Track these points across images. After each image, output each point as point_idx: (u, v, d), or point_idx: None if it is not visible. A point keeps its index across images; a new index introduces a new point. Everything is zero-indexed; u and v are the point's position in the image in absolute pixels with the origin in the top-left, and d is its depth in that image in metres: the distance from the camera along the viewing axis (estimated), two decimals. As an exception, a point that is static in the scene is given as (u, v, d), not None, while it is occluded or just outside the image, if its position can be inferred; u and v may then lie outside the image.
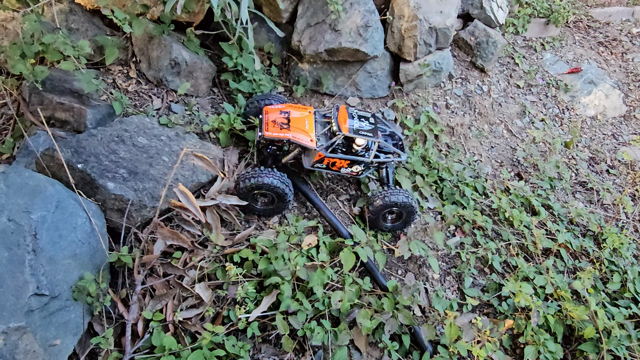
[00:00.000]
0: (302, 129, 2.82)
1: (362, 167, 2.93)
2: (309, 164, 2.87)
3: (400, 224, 3.01)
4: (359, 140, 2.84)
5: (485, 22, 4.36)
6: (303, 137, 2.78)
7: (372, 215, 2.92)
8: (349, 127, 2.79)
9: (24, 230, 1.98)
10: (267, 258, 2.52)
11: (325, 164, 2.87)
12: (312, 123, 2.88)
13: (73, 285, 2.12)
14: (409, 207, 2.85)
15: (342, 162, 2.86)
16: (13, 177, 2.09)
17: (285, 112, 2.89)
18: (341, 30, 3.35)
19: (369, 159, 2.84)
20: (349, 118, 2.84)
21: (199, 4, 3.40)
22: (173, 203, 2.26)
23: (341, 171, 2.94)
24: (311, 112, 2.95)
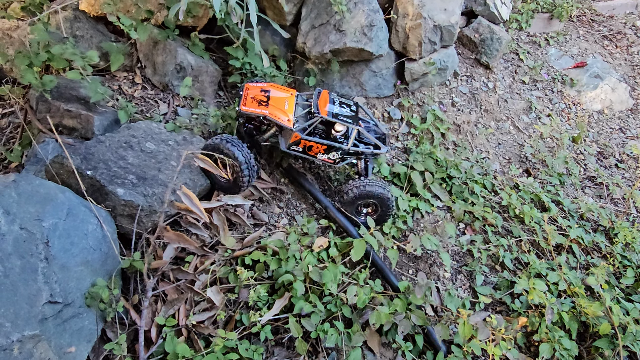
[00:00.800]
0: (281, 108, 2.76)
1: (340, 155, 2.84)
2: (285, 145, 2.80)
3: (375, 220, 2.91)
4: (338, 126, 2.78)
5: (489, 18, 4.34)
6: (280, 116, 2.72)
7: (345, 207, 2.84)
8: (328, 110, 2.74)
9: (36, 238, 1.98)
10: (278, 259, 2.51)
11: (302, 147, 2.81)
12: (293, 104, 2.81)
13: (86, 292, 2.12)
14: (385, 200, 2.77)
15: (318, 147, 2.79)
16: (24, 185, 2.09)
17: (266, 91, 2.84)
18: (346, 30, 3.35)
19: (347, 147, 2.77)
20: (329, 102, 2.79)
21: (203, 8, 3.40)
22: (177, 205, 2.26)
23: (317, 157, 2.86)
24: (293, 94, 2.90)
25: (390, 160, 3.50)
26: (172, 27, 3.34)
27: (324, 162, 2.91)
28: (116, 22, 3.02)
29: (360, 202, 2.84)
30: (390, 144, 3.62)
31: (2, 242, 1.88)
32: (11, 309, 1.83)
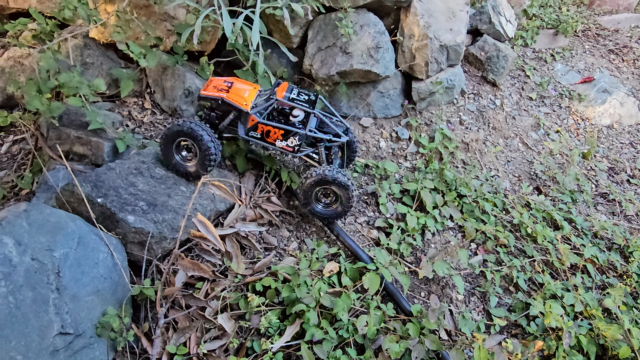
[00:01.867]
0: (241, 95, 2.78)
1: (298, 141, 2.80)
2: (244, 131, 2.82)
3: (333, 211, 2.85)
4: (296, 111, 2.80)
5: (495, 36, 4.36)
6: (238, 100, 2.75)
7: (304, 193, 2.78)
8: (285, 95, 2.77)
9: (47, 268, 1.98)
10: (289, 286, 2.48)
11: (260, 133, 2.80)
12: (254, 95, 2.82)
13: (96, 321, 2.11)
14: (345, 188, 2.70)
15: (276, 132, 2.78)
16: (35, 215, 2.10)
17: (230, 83, 2.88)
18: (352, 52, 3.37)
19: (304, 131, 2.74)
20: (286, 90, 2.82)
21: (210, 33, 3.44)
22: (192, 233, 2.25)
23: (276, 144, 2.84)
24: (256, 88, 2.91)
25: (399, 179, 3.49)
26: (181, 53, 3.38)
27: (283, 151, 2.86)
28: (125, 50, 3.06)
29: (319, 190, 2.79)
30: (399, 163, 3.61)
31: (13, 273, 1.87)
32: (22, 341, 1.82)
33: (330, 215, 2.87)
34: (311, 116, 2.79)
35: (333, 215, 2.87)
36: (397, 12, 3.67)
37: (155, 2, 3.26)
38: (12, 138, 3.43)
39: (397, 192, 3.37)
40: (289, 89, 2.84)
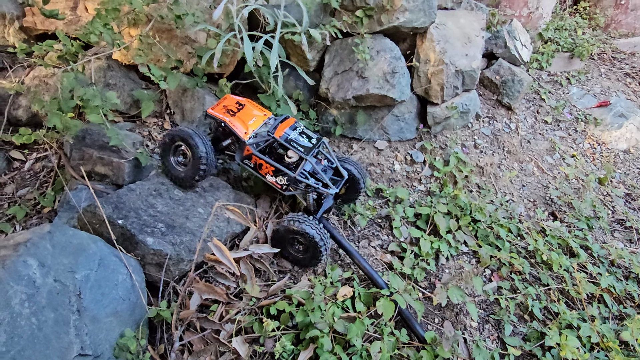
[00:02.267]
0: (245, 122, 2.81)
1: (287, 182, 2.82)
2: (240, 158, 2.87)
3: (305, 260, 2.83)
4: (291, 153, 2.81)
5: (510, 60, 4.38)
6: (239, 127, 2.78)
7: (275, 235, 2.78)
8: (284, 134, 2.75)
9: (69, 290, 2.03)
10: (303, 310, 2.50)
11: (253, 164, 2.85)
12: (260, 123, 2.85)
13: (114, 343, 2.14)
14: (314, 244, 2.67)
15: (267, 167, 2.81)
16: (58, 236, 2.15)
17: (241, 104, 2.92)
18: (368, 77, 3.42)
19: (293, 175, 2.75)
20: (289, 128, 2.81)
21: (229, 56, 3.52)
22: (208, 257, 2.28)
23: (266, 178, 2.87)
24: (267, 115, 2.94)
25: (413, 203, 3.50)
26: (200, 75, 3.47)
27: (272, 185, 2.89)
28: (147, 73, 3.14)
29: (291, 238, 2.77)
30: (413, 186, 3.63)
31: (37, 295, 1.92)
32: (43, 362, 1.86)
33: (299, 262, 2.87)
34: (304, 163, 2.77)
35: (301, 263, 2.87)
36: (413, 37, 3.73)
37: (177, 27, 3.35)
38: (35, 155, 3.53)
39: (411, 215, 3.38)
40: (292, 126, 2.84)
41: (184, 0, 3.33)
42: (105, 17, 3.15)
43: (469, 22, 4.00)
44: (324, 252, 2.74)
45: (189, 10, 3.23)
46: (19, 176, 3.37)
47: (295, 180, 2.77)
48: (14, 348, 1.80)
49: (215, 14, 2.98)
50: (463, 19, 3.98)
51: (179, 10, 3.20)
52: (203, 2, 3.40)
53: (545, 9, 5.20)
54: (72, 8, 3.77)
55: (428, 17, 3.45)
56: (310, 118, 3.67)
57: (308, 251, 2.79)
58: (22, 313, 1.86)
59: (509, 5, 5.08)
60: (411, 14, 3.35)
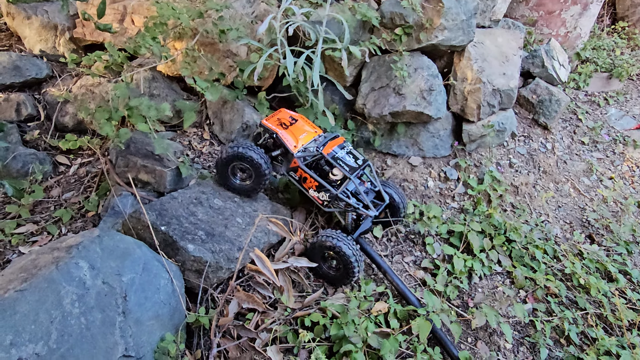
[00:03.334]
0: (296, 136, 2.88)
1: (328, 198, 2.85)
2: (286, 169, 2.93)
3: (336, 278, 2.84)
4: (336, 171, 2.83)
5: (547, 80, 4.35)
6: (290, 139, 2.85)
7: (310, 249, 2.80)
8: (332, 151, 2.80)
9: (115, 292, 2.10)
10: (337, 323, 2.51)
11: (298, 176, 2.89)
12: (310, 138, 2.92)
13: (155, 346, 2.20)
14: (348, 263, 2.69)
15: (311, 182, 2.84)
16: (106, 240, 2.24)
17: (294, 119, 2.99)
18: (405, 94, 3.45)
19: (336, 192, 2.77)
20: (337, 146, 2.85)
21: (269, 69, 3.61)
22: (249, 267, 2.33)
23: (309, 192, 2.91)
24: (317, 132, 3.00)
25: (446, 220, 3.49)
26: (241, 88, 3.56)
27: (314, 200, 2.94)
28: (192, 84, 3.25)
29: (325, 253, 2.79)
30: (447, 203, 3.62)
31: (86, 295, 2.00)
32: (90, 361, 1.93)
33: (332, 279, 2.89)
34: (348, 180, 2.81)
35: (332, 280, 2.89)
36: (451, 55, 3.75)
37: (220, 41, 3.47)
38: (79, 161, 3.67)
39: (444, 232, 3.37)
40: (341, 145, 2.89)
41: (228, 16, 3.44)
42: (153, 31, 3.29)
43: (507, 40, 4.00)
44: (356, 273, 2.76)
45: (232, 25, 3.34)
46: (65, 180, 3.51)
47: (337, 197, 2.81)
48: (64, 346, 1.87)
49: (260, 29, 3.08)
50: (500, 37, 3.98)
51: (223, 26, 3.32)
52: (246, 18, 3.51)
53: (583, 28, 5.15)
54: (119, 20, 3.94)
55: (467, 35, 3.47)
56: (349, 129, 3.71)
57: (340, 270, 2.81)
58: (72, 312, 1.94)
59: (546, 24, 5.05)
60: (450, 33, 3.38)
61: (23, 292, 1.87)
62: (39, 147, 3.66)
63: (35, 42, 4.10)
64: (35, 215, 3.16)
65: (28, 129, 3.75)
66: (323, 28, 3.16)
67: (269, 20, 3.04)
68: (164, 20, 3.27)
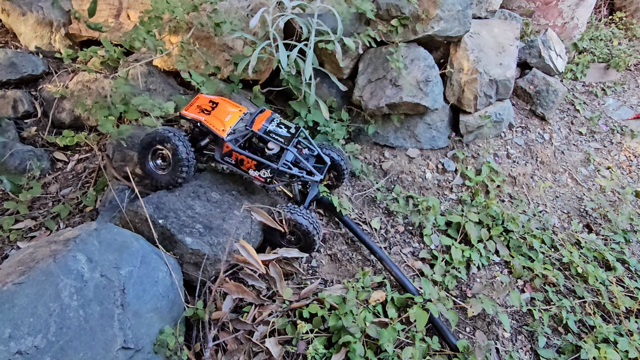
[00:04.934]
0: (221, 119, 2.79)
1: (270, 174, 2.78)
2: (220, 156, 2.83)
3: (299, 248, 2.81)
4: (271, 144, 2.79)
5: (544, 70, 4.34)
6: (216, 125, 2.76)
7: (267, 227, 2.77)
8: (263, 126, 2.75)
9: (114, 285, 2.11)
10: (336, 314, 2.52)
11: (234, 160, 2.81)
12: (236, 119, 2.83)
13: (154, 338, 2.21)
14: (305, 230, 2.68)
15: (249, 162, 2.78)
16: (104, 234, 2.25)
17: (215, 103, 2.90)
18: (402, 85, 3.44)
19: (276, 166, 2.72)
20: (266, 120, 2.80)
21: (265, 63, 3.61)
22: (236, 258, 2.34)
23: (249, 172, 2.83)
24: (242, 110, 2.92)
25: (444, 211, 3.49)
26: (236, 81, 3.55)
27: (256, 180, 2.87)
28: (187, 78, 3.25)
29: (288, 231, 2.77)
30: (445, 195, 3.63)
31: (84, 288, 2.01)
32: (89, 353, 1.94)
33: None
34: (286, 151, 2.77)
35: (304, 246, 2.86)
36: (447, 46, 3.74)
37: (215, 34, 3.46)
38: (77, 157, 3.67)
39: (442, 224, 3.37)
40: (269, 118, 2.84)
41: (223, 9, 3.43)
42: (148, 25, 3.28)
43: (503, 31, 3.99)
44: (317, 241, 2.75)
45: (227, 18, 3.33)
46: (62, 176, 3.51)
47: (278, 171, 2.76)
48: (63, 338, 1.88)
49: (252, 22, 3.07)
50: (497, 28, 3.98)
51: (217, 19, 3.31)
52: (241, 11, 3.50)
53: (580, 19, 5.13)
54: (115, 16, 3.92)
55: (463, 26, 3.46)
56: (343, 120, 3.71)
57: (300, 241, 2.81)
58: (70, 305, 1.95)
59: (543, 15, 5.04)
60: (446, 23, 3.37)
61: (21, 285, 1.88)
62: (36, 143, 3.66)
63: (31, 38, 4.09)
64: (33, 211, 3.16)
65: (25, 126, 3.75)
66: (315, 20, 3.16)
67: (260, 13, 3.03)
68: (159, 13, 3.26)
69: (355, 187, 3.54)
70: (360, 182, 3.57)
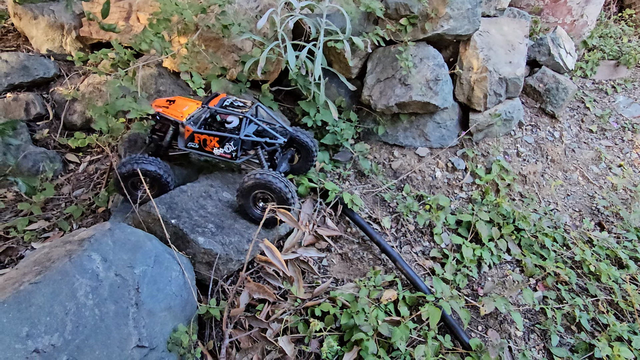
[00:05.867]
0: (179, 110, 2.82)
1: (234, 147, 2.76)
2: (183, 144, 2.83)
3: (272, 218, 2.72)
4: (230, 118, 2.79)
5: (554, 68, 4.32)
6: (174, 113, 2.78)
7: (242, 198, 2.70)
8: (218, 104, 2.77)
9: (128, 284, 2.13)
10: (348, 312, 2.53)
11: (197, 143, 2.80)
12: (194, 109, 2.87)
13: (168, 336, 2.23)
14: (280, 193, 2.59)
15: (212, 140, 2.76)
16: (118, 233, 2.27)
17: (171, 101, 2.93)
18: (411, 84, 3.44)
19: (238, 136, 2.71)
20: (221, 100, 2.83)
21: (274, 64, 3.62)
22: (259, 258, 2.35)
23: (214, 152, 2.80)
24: (199, 104, 2.95)
25: (454, 210, 3.48)
26: (244, 81, 3.57)
27: (222, 159, 2.83)
28: (188, 80, 3.27)
29: (257, 193, 2.70)
30: (455, 194, 3.62)
31: (99, 287, 2.03)
32: (105, 351, 1.95)
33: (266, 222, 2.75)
34: (246, 122, 2.76)
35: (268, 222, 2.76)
36: (456, 44, 3.74)
37: (223, 36, 3.48)
38: (89, 158, 3.71)
39: (453, 223, 3.37)
40: (223, 99, 2.86)
41: (231, 11, 3.45)
42: (157, 27, 3.30)
43: (512, 29, 3.98)
44: (291, 200, 2.65)
45: (235, 20, 3.35)
46: (74, 177, 3.55)
47: (241, 142, 2.74)
48: (79, 337, 1.90)
49: (260, 23, 3.09)
50: (506, 26, 3.96)
51: (226, 21, 3.33)
52: (250, 12, 3.52)
53: (589, 16, 5.10)
54: (125, 18, 3.96)
55: (472, 24, 3.45)
56: (352, 120, 3.72)
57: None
58: (86, 304, 1.97)
59: (551, 12, 5.01)
60: (455, 22, 3.37)
61: (37, 285, 1.90)
62: (48, 145, 3.71)
63: (43, 41, 4.13)
64: (46, 212, 3.20)
65: (37, 128, 3.79)
66: (324, 20, 3.17)
67: (268, 14, 3.05)
68: (167, 16, 3.29)
69: (365, 187, 3.54)
70: (370, 181, 3.57)
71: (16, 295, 1.83)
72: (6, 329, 1.75)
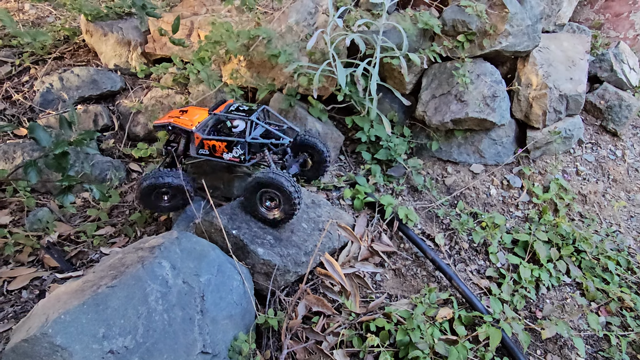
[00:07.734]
0: (190, 119, 2.89)
1: (242, 150, 2.77)
2: (195, 150, 2.89)
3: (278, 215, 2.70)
4: (236, 122, 2.82)
5: (616, 84, 4.17)
6: (184, 121, 2.85)
7: (246, 196, 2.69)
8: (223, 111, 2.83)
9: (194, 292, 2.21)
10: (403, 329, 2.52)
11: (207, 149, 2.85)
12: (204, 117, 2.93)
13: (229, 344, 2.29)
14: (287, 196, 2.56)
15: (220, 145, 2.80)
16: (184, 242, 2.37)
17: (184, 111, 3.02)
18: (467, 100, 3.42)
19: (244, 139, 2.72)
20: (226, 106, 2.89)
21: (328, 78, 3.68)
22: (319, 271, 2.39)
23: (224, 157, 2.84)
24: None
25: (510, 229, 3.41)
26: (293, 94, 3.62)
27: (232, 162, 2.87)
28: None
29: (263, 192, 2.68)
30: (510, 212, 3.54)
31: (169, 294, 2.12)
32: (172, 355, 2.04)
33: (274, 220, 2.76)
34: (252, 125, 2.80)
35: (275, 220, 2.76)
36: (514, 61, 3.68)
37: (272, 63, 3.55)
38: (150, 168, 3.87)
39: (509, 242, 3.29)
40: (229, 105, 2.93)
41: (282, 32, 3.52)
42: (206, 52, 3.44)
43: (573, 45, 3.88)
44: (297, 206, 2.64)
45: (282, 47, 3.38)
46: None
47: (249, 145, 2.78)
48: (149, 340, 2.00)
49: (309, 44, 3.16)
50: (566, 42, 3.87)
51: (272, 51, 3.37)
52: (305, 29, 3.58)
53: (653, 30, 4.90)
54: (187, 35, 4.15)
55: (532, 41, 3.40)
56: (405, 135, 3.72)
57: (280, 205, 2.69)
58: (156, 309, 2.06)
59: (613, 27, 4.85)
60: (514, 38, 3.33)
61: (113, 289, 2.01)
62: (113, 155, 3.92)
63: (111, 57, 4.39)
64: (112, 219, 3.37)
65: (104, 138, 4.02)
66: (380, 37, 3.20)
67: (316, 36, 3.12)
68: (218, 39, 3.42)
69: (418, 202, 3.52)
70: (423, 197, 3.56)
71: (95, 298, 1.95)
72: (85, 329, 1.86)
